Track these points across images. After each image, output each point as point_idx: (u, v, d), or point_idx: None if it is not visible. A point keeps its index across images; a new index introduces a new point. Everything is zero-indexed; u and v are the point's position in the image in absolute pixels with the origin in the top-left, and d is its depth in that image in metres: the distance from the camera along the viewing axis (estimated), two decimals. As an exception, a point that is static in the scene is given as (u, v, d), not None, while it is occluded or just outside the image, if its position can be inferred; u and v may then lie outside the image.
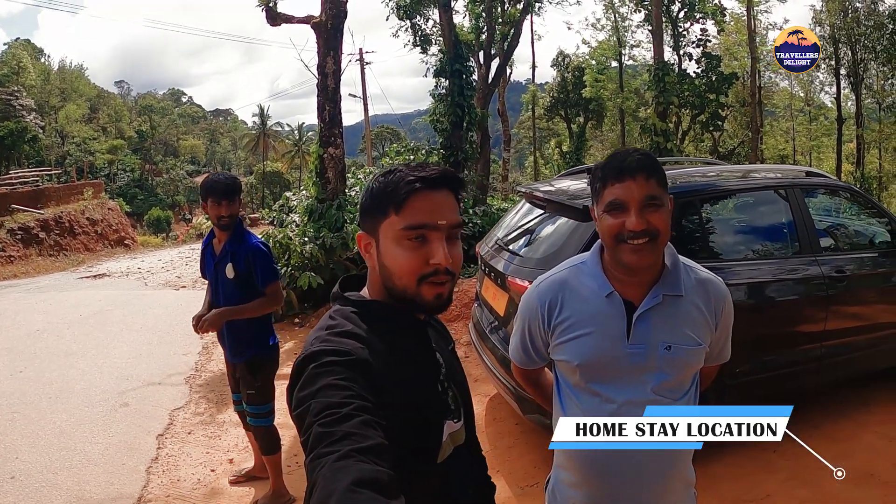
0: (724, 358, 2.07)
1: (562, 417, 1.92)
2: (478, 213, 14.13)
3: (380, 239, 1.39)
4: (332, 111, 10.72)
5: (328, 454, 1.04)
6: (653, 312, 1.82)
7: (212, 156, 79.84)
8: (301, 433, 1.16)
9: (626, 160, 1.77)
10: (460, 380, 1.60)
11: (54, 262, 22.16)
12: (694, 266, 1.93)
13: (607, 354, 1.83)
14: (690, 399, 1.91)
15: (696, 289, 1.88)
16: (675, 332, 1.82)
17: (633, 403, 1.81)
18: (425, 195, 1.35)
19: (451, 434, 1.48)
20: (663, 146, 21.90)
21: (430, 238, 1.35)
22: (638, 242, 1.73)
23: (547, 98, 41.20)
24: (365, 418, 1.12)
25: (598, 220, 1.84)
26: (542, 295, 1.94)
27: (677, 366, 1.83)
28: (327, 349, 1.26)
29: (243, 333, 3.99)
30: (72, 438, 5.43)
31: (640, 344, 1.81)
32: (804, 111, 37.78)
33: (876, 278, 4.87)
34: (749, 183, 4.82)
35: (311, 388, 1.18)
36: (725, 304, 1.93)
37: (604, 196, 1.79)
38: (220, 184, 3.81)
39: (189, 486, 4.60)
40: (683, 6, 29.71)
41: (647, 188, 1.73)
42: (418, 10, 22.37)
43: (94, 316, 10.78)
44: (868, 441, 4.54)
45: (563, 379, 1.97)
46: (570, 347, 1.88)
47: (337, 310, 1.43)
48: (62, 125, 54.23)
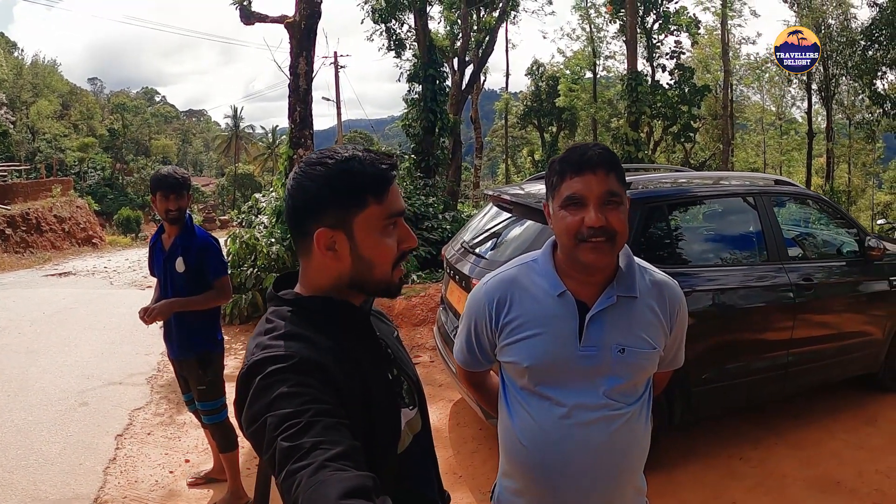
0: (677, 363, 1.99)
1: (509, 422, 1.87)
2: (447, 219, 14.13)
3: (355, 232, 1.31)
4: (304, 112, 10.66)
5: (301, 469, 0.99)
6: (606, 314, 1.75)
7: (184, 156, 79.03)
8: (262, 451, 1.11)
9: (586, 153, 1.69)
10: (409, 366, 1.55)
11: (20, 259, 21.77)
12: (649, 268, 1.87)
13: (558, 356, 1.75)
14: (644, 404, 1.84)
15: (651, 291, 1.81)
16: (628, 334, 1.75)
17: (584, 407, 1.75)
18: (395, 184, 1.35)
19: (409, 422, 1.44)
20: (634, 156, 22.09)
21: (399, 224, 1.35)
22: (596, 241, 1.65)
23: (521, 106, 41.48)
24: (327, 422, 1.08)
25: (554, 217, 1.76)
26: (491, 293, 1.85)
27: (631, 369, 1.76)
28: (269, 356, 1.20)
29: (192, 328, 3.95)
30: (29, 437, 5.30)
31: (592, 346, 1.74)
32: (775, 125, 38.34)
33: (843, 287, 4.91)
34: (718, 189, 4.83)
35: (264, 401, 1.13)
36: (680, 308, 1.86)
37: (561, 190, 1.71)
38: (170, 177, 3.80)
39: (147, 487, 4.50)
40: (658, 18, 30.00)
41: (607, 183, 1.66)
42: (394, 14, 22.37)
43: (58, 314, 10.57)
44: (834, 448, 4.56)
45: (511, 381, 1.88)
46: (518, 348, 1.79)
47: (273, 311, 1.36)
48: (33, 121, 53.31)
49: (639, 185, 4.35)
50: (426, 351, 7.05)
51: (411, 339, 7.56)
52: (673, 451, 4.45)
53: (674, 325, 1.84)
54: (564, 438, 1.76)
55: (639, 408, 1.81)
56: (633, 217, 4.11)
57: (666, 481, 4.15)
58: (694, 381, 4.16)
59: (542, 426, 1.79)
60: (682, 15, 30.07)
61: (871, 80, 22.65)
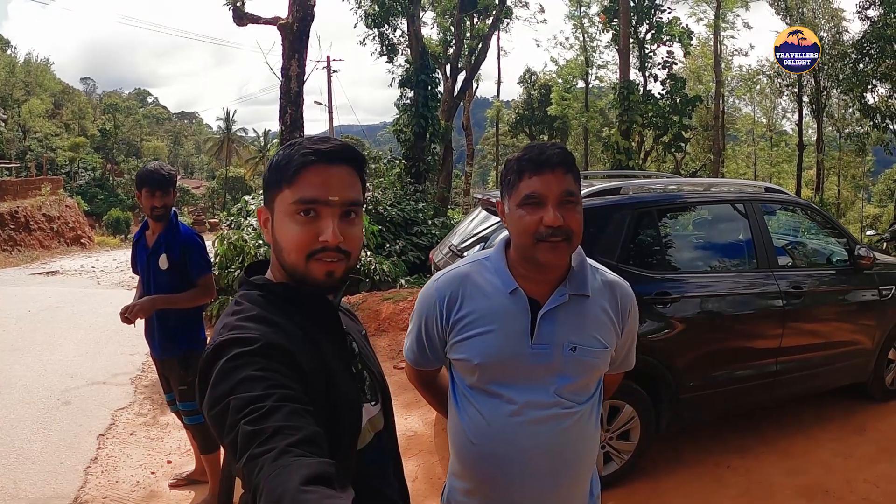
0: (628, 365, 1.99)
1: (458, 421, 1.85)
2: (437, 225, 14.13)
3: (274, 213, 1.34)
4: (295, 114, 10.67)
5: (263, 454, 0.98)
6: (558, 311, 1.74)
7: (175, 158, 78.86)
8: (223, 434, 1.09)
9: (545, 152, 1.68)
10: (374, 364, 1.54)
11: (7, 257, 21.66)
12: (600, 268, 1.86)
13: (509, 353, 1.73)
14: (594, 405, 1.83)
15: (603, 290, 1.81)
16: (580, 333, 1.74)
17: (535, 405, 1.74)
18: (319, 169, 1.30)
19: (371, 419, 1.44)
20: (625, 164, 22.13)
21: (321, 214, 1.30)
22: (554, 240, 1.64)
23: (512, 115, 41.58)
24: (292, 407, 1.07)
25: (510, 216, 1.74)
26: (441, 289, 1.83)
27: (582, 368, 1.75)
28: (234, 338, 1.19)
29: (175, 327, 3.89)
30: (10, 435, 5.24)
31: (544, 344, 1.73)
32: (766, 137, 38.57)
33: (832, 295, 4.89)
34: (707, 196, 4.80)
35: (228, 384, 1.11)
36: (632, 308, 1.86)
37: (519, 189, 1.69)
38: (156, 174, 3.76)
39: (127, 487, 4.44)
40: (651, 28, 30.17)
41: (565, 183, 1.66)
42: (386, 19, 22.37)
43: (43, 312, 10.49)
44: (822, 457, 4.53)
45: (460, 379, 1.86)
46: (469, 345, 1.77)
47: (243, 294, 1.36)
48: (25, 119, 53.10)
49: (628, 190, 4.32)
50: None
51: (398, 343, 7.50)
52: (659, 458, 4.42)
53: (625, 326, 1.84)
54: (514, 436, 1.74)
55: (589, 408, 1.80)
56: (622, 222, 4.10)
57: (652, 490, 4.13)
58: (681, 388, 4.13)
59: (492, 424, 1.77)
60: (675, 25, 30.26)
61: (862, 93, 22.76)
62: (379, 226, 12.33)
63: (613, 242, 4.04)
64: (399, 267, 11.54)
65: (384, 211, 13.20)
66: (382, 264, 10.97)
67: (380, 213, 13.04)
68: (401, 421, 5.33)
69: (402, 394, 5.92)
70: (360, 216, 1.37)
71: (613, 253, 3.97)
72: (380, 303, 8.72)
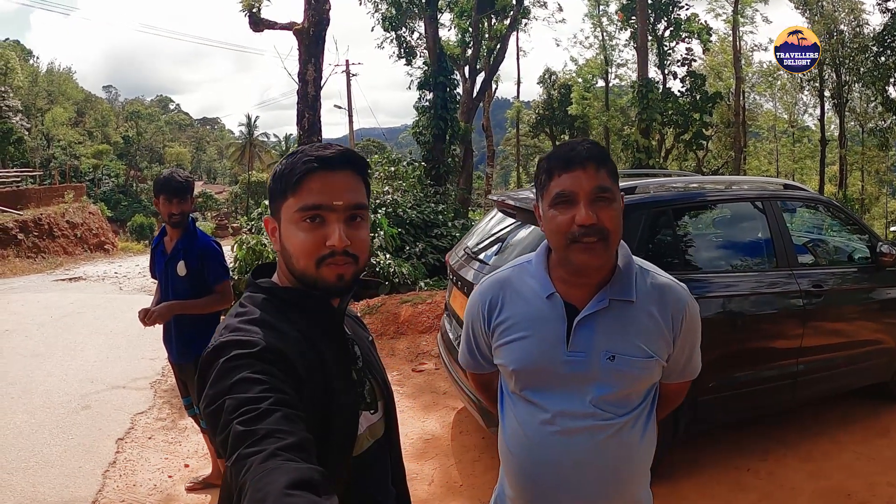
0: (690, 374, 1.87)
1: (501, 427, 1.82)
2: (457, 227, 14.08)
3: (281, 221, 1.37)
4: (312, 118, 10.72)
5: (253, 454, 1.00)
6: (597, 318, 1.66)
7: (197, 164, 79.63)
8: (216, 432, 1.12)
9: (574, 149, 1.61)
10: (379, 372, 1.55)
11: (32, 264, 21.86)
12: (652, 270, 1.76)
13: (544, 360, 1.67)
14: (640, 417, 1.73)
15: (652, 295, 1.70)
16: (621, 340, 1.65)
17: (569, 415, 1.68)
18: (322, 176, 1.32)
19: (370, 426, 1.44)
20: (645, 163, 22.01)
21: (327, 220, 1.32)
22: (588, 241, 1.56)
23: (533, 115, 41.48)
24: (285, 412, 1.08)
25: (544, 218, 1.67)
26: (484, 294, 1.81)
27: (622, 378, 1.66)
28: (236, 340, 1.23)
29: (192, 332, 3.92)
30: (30, 439, 5.29)
31: (579, 351, 1.65)
32: (788, 133, 38.14)
33: (855, 294, 4.80)
34: (725, 194, 4.73)
35: (225, 384, 1.14)
36: (687, 314, 1.72)
37: (550, 189, 1.62)
38: (173, 181, 3.80)
39: (145, 491, 4.46)
40: (669, 25, 29.94)
41: (597, 179, 1.58)
42: (403, 21, 22.41)
43: (65, 318, 10.59)
44: (845, 460, 4.44)
45: (504, 384, 1.84)
46: (506, 351, 1.73)
47: (248, 296, 1.39)
48: (48, 128, 53.95)
49: (643, 189, 4.27)
50: (431, 358, 6.98)
51: (417, 346, 7.49)
52: (678, 462, 4.35)
53: (678, 334, 1.71)
54: (546, 446, 1.69)
55: (632, 420, 1.70)
56: (639, 222, 4.04)
57: (671, 493, 4.06)
58: (700, 390, 4.05)
59: (526, 432, 1.73)
60: (694, 22, 30.01)
61: (884, 87, 22.49)
62: (398, 228, 12.29)
63: (628, 242, 3.97)
64: (419, 269, 11.51)
65: (404, 213, 13.14)
66: (402, 267, 10.95)
67: (399, 215, 12.98)
68: (418, 424, 5.32)
69: (421, 396, 5.92)
70: (365, 220, 1.39)
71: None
72: (399, 305, 8.70)
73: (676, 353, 1.74)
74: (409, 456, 4.70)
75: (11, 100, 45.49)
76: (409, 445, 4.92)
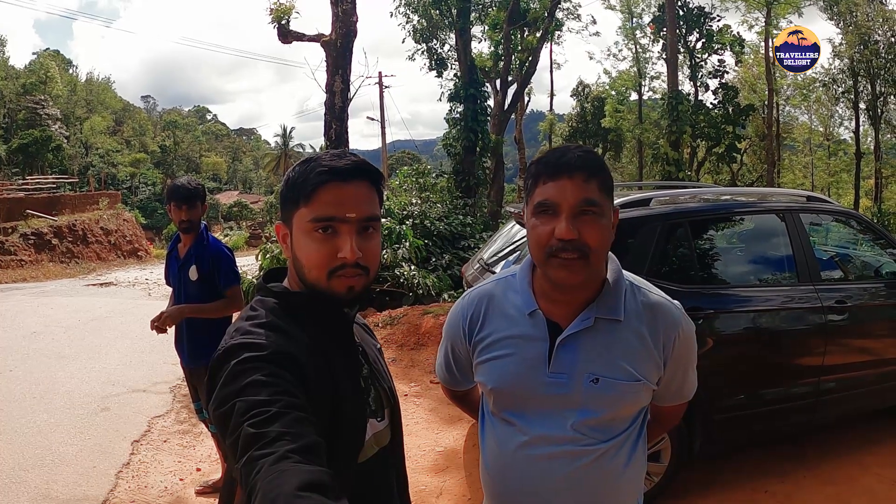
0: (684, 397, 1.76)
1: (481, 445, 1.76)
2: (485, 239, 13.99)
3: (293, 229, 1.36)
4: (339, 129, 10.78)
5: (263, 456, 1.00)
6: (581, 338, 1.55)
7: (233, 174, 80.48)
8: (227, 434, 1.11)
9: (565, 155, 1.49)
10: (385, 380, 1.53)
11: (65, 268, 22.31)
12: (644, 287, 1.64)
13: (523, 381, 1.58)
14: (626, 443, 1.61)
15: (642, 314, 1.58)
16: (606, 363, 1.54)
17: (548, 439, 1.58)
18: (336, 187, 1.31)
19: (376, 434, 1.44)
20: (675, 175, 21.77)
21: (339, 231, 1.31)
22: (566, 256, 1.45)
23: (566, 128, 41.34)
24: (295, 415, 1.09)
25: (527, 226, 1.56)
26: (465, 308, 1.71)
27: (606, 402, 1.55)
28: (246, 342, 1.22)
29: (204, 336, 3.96)
30: (48, 438, 5.42)
31: (561, 373, 1.55)
32: (823, 146, 37.47)
33: (880, 310, 4.63)
34: (744, 206, 4.62)
35: (235, 386, 1.14)
36: (680, 335, 1.60)
37: (534, 196, 1.51)
38: (181, 189, 3.90)
39: (155, 493, 4.50)
40: (701, 37, 29.65)
41: (584, 190, 1.45)
42: (434, 33, 22.48)
43: (93, 322, 10.81)
44: (867, 484, 4.28)
45: (485, 402, 1.75)
46: (486, 369, 1.64)
47: (259, 300, 1.38)
48: (86, 136, 55.01)
49: (658, 201, 4.19)
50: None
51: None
52: (693, 483, 4.23)
53: (669, 356, 1.60)
54: (523, 469, 1.61)
55: (615, 446, 1.59)
56: (652, 235, 3.97)
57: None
58: (715, 409, 3.95)
59: (504, 453, 1.65)
60: (726, 34, 29.70)
61: (920, 98, 21.99)
62: (425, 240, 12.28)
63: (642, 256, 3.89)
64: (444, 281, 11.46)
65: (431, 225, 13.10)
66: (426, 278, 10.92)
67: (426, 227, 12.95)
68: (433, 436, 5.28)
69: (439, 408, 5.87)
70: (377, 230, 1.38)
71: (642, 267, 3.81)
72: (421, 316, 8.69)
73: (668, 375, 1.63)
74: (421, 468, 4.68)
75: (51, 108, 46.57)
76: (422, 457, 4.89)
